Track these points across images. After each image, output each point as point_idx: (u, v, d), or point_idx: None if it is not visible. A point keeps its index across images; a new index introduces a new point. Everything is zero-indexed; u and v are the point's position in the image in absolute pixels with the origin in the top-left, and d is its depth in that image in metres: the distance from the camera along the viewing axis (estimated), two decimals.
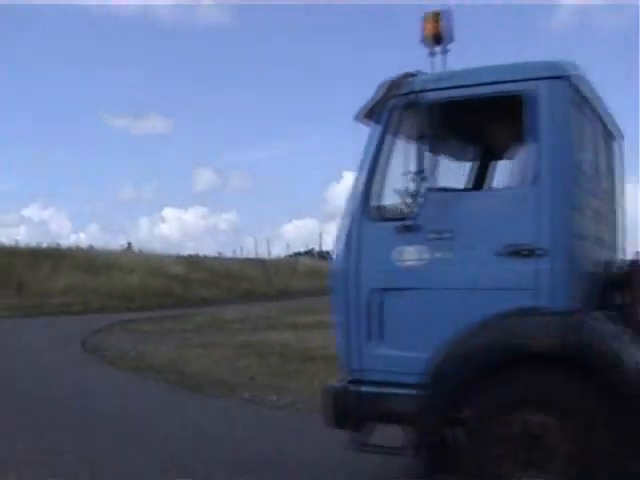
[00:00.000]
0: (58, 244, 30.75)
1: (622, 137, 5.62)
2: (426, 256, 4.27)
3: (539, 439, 3.88)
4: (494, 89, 4.25)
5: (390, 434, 4.48)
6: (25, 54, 44.34)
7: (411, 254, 4.31)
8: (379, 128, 4.45)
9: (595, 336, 3.88)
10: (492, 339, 4.03)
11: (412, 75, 4.48)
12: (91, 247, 31.38)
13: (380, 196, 4.47)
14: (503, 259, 4.07)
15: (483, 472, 3.99)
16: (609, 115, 5.21)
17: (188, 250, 38.90)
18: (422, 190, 4.28)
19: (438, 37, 4.52)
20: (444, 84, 4.37)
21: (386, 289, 4.37)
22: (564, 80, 4.13)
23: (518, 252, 4.03)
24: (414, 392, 4.15)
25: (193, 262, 32.63)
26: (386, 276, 4.39)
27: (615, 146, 5.48)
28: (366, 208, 4.44)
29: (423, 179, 4.29)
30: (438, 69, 4.60)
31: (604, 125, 5.03)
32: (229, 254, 38.45)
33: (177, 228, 53.78)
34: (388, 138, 4.45)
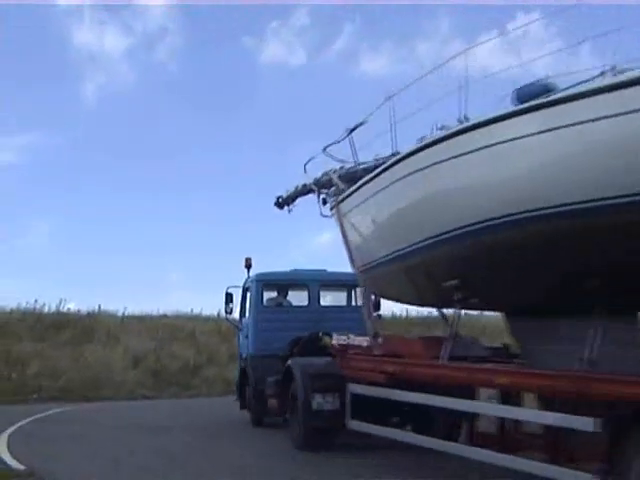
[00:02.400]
0: None
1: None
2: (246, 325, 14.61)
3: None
4: (248, 284, 14.31)
5: None
6: None
7: (247, 323, 14.65)
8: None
9: (249, 360, 13.63)
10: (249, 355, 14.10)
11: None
12: None
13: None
14: (245, 337, 14.14)
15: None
16: (339, 276, 13.90)
17: None
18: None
19: (250, 265, 14.59)
20: (247, 282, 14.55)
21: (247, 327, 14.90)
22: (256, 281, 13.84)
23: (246, 336, 14.04)
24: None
25: None
26: (247, 325, 14.79)
27: (352, 289, 13.93)
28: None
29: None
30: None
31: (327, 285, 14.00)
32: None
33: None
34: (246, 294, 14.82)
